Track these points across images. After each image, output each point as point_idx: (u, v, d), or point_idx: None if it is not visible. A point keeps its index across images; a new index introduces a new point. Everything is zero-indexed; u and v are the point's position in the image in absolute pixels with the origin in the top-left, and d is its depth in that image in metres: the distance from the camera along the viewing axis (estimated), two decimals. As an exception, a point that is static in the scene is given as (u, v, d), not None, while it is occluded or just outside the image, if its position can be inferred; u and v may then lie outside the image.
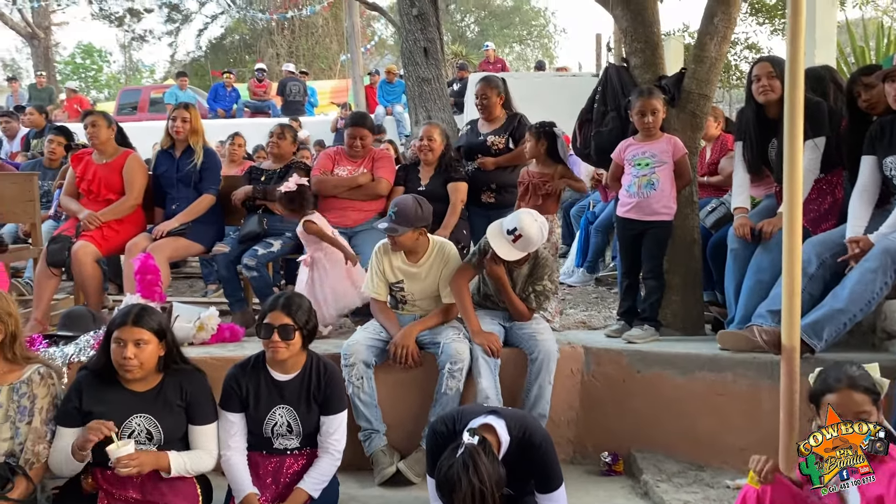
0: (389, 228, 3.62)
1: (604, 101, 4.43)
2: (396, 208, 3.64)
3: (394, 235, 3.62)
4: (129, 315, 2.81)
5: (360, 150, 4.89)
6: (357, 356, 3.55)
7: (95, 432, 2.67)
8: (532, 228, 3.53)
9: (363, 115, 5.26)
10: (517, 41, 35.26)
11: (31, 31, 24.48)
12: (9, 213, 5.31)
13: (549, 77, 12.44)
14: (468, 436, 2.52)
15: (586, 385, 3.80)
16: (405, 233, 3.62)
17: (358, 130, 4.91)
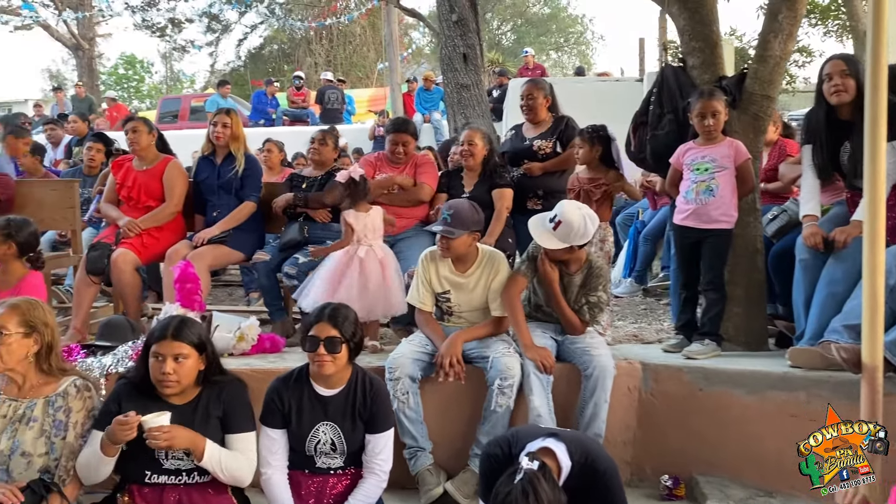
0: (445, 230, 3.45)
1: (660, 103, 4.21)
2: (452, 210, 3.48)
3: (450, 238, 3.45)
4: (168, 328, 2.68)
5: (403, 156, 4.76)
6: (402, 370, 3.38)
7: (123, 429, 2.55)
8: (573, 215, 3.36)
9: (405, 121, 5.13)
10: (554, 48, 35.06)
11: (76, 42, 24.97)
12: (49, 219, 5.30)
13: (591, 82, 12.20)
14: (527, 461, 2.34)
15: (644, 403, 3.59)
16: (461, 236, 3.45)
17: (400, 136, 4.77)
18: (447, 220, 3.46)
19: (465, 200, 3.59)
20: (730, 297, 3.93)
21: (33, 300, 2.80)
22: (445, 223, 3.46)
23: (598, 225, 3.98)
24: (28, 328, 2.69)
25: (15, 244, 3.75)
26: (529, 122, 4.92)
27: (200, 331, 2.78)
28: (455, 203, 3.58)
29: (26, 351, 2.69)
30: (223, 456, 2.70)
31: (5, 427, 2.67)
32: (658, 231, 6.21)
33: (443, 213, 3.51)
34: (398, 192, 4.68)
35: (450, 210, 3.49)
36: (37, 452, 2.66)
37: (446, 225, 3.45)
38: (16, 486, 2.55)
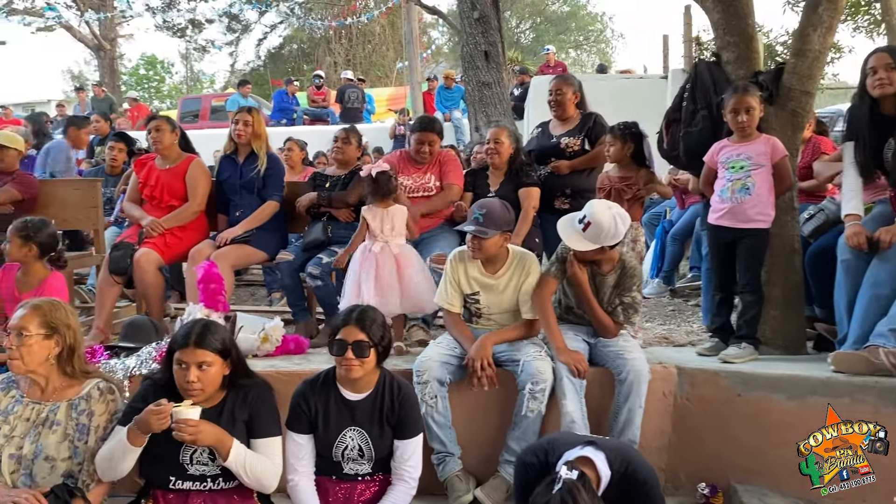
0: (478, 230, 3.34)
1: (693, 99, 4.09)
2: (484, 210, 3.37)
3: (483, 238, 3.35)
4: (191, 336, 2.60)
5: (428, 156, 4.66)
6: (430, 373, 3.30)
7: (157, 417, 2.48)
8: (603, 216, 3.25)
9: (432, 120, 4.97)
10: (573, 47, 34.81)
11: (98, 42, 25.17)
12: (72, 219, 5.28)
13: (614, 79, 12.05)
14: (566, 470, 2.24)
15: (679, 408, 3.48)
16: (493, 235, 3.35)
17: (427, 135, 4.65)
18: (479, 220, 3.35)
19: (497, 199, 3.50)
20: (767, 298, 3.82)
21: (55, 301, 2.75)
22: (477, 223, 3.35)
23: (630, 225, 3.89)
24: (49, 330, 2.63)
25: (35, 245, 3.71)
26: (557, 119, 4.81)
27: (224, 336, 2.69)
28: (487, 202, 3.48)
29: (47, 353, 2.63)
30: (249, 458, 2.62)
31: (28, 431, 2.62)
32: (686, 230, 6.08)
33: (474, 212, 3.40)
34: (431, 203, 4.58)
35: (482, 209, 3.38)
36: (60, 457, 2.60)
37: (478, 225, 3.35)
38: (39, 491, 2.49)
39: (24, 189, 5.04)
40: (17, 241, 3.64)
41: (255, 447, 2.68)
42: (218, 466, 2.63)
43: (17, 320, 2.62)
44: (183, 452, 2.62)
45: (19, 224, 3.68)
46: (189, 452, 2.63)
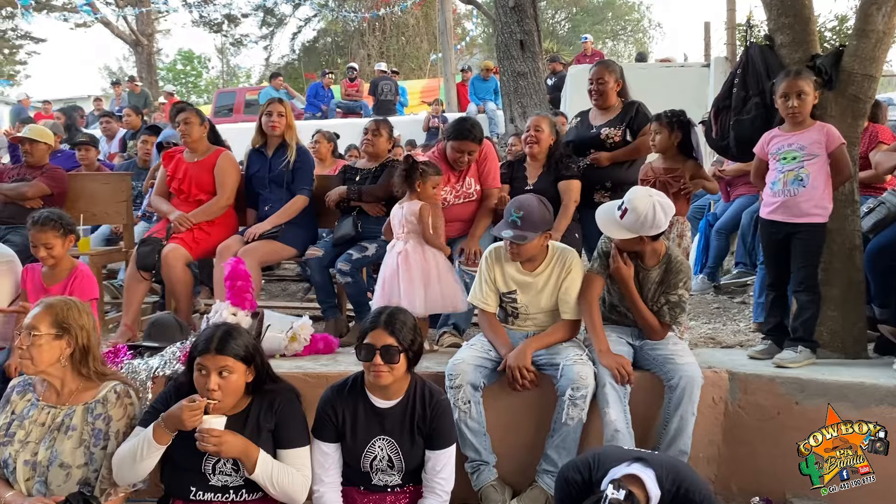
0: (517, 236, 3.13)
1: (744, 85, 3.86)
2: (522, 212, 3.14)
3: (522, 244, 3.16)
4: (212, 341, 2.45)
5: (465, 165, 4.34)
6: (464, 377, 3.11)
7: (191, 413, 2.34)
8: (641, 202, 3.03)
9: (472, 126, 4.37)
10: (610, 37, 34.25)
11: (136, 38, 25.39)
12: (102, 214, 5.22)
13: (654, 68, 11.66)
14: (612, 489, 2.05)
15: (731, 416, 3.25)
16: (534, 239, 3.15)
17: (466, 145, 4.27)
18: (517, 223, 3.13)
19: (534, 197, 3.26)
20: (824, 298, 3.60)
21: (69, 300, 2.63)
22: (515, 227, 3.13)
23: (676, 219, 3.67)
24: (60, 329, 2.52)
25: (73, 236, 3.64)
26: (597, 108, 4.56)
27: (247, 341, 2.53)
28: (523, 202, 3.22)
29: (59, 353, 2.52)
30: (276, 469, 2.48)
31: (43, 436, 2.51)
32: (732, 224, 5.83)
33: (510, 214, 3.17)
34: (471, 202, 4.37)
35: (519, 212, 3.15)
36: (75, 464, 2.48)
37: (517, 229, 3.13)
38: (53, 499, 2.39)
39: (54, 183, 4.99)
40: (58, 240, 3.54)
41: (282, 458, 2.54)
42: (241, 477, 2.49)
43: (29, 319, 2.52)
44: (205, 461, 2.48)
45: (49, 221, 3.53)
46: (212, 461, 2.49)
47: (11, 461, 2.47)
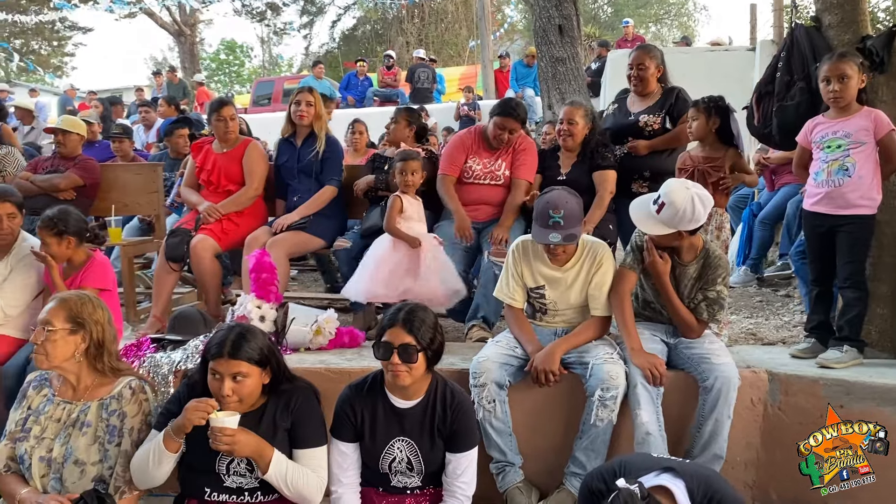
0: (568, 237, 2.99)
1: (789, 69, 3.67)
2: (562, 210, 2.98)
3: (572, 244, 3.04)
4: (225, 345, 2.37)
5: (505, 143, 4.27)
6: (488, 375, 3.01)
7: (197, 412, 2.29)
8: (679, 195, 2.88)
9: (515, 104, 4.41)
10: (653, 21, 33.55)
11: (179, 28, 25.70)
12: (134, 204, 5.25)
13: (698, 52, 11.31)
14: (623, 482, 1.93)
15: (770, 419, 3.10)
16: (579, 236, 3.04)
17: (508, 122, 4.21)
18: (560, 224, 2.97)
19: (563, 192, 3.11)
20: (873, 295, 3.42)
21: (84, 295, 2.59)
22: (559, 227, 2.97)
23: (714, 210, 3.50)
24: (75, 324, 2.49)
25: (71, 237, 3.55)
26: (636, 95, 4.38)
27: (262, 344, 2.44)
28: (557, 201, 3.03)
29: (73, 348, 2.49)
30: (291, 470, 2.41)
31: (59, 432, 2.49)
32: (776, 215, 5.61)
33: (549, 217, 3.00)
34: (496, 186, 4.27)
35: (558, 211, 2.98)
36: (90, 460, 2.45)
37: (561, 229, 2.98)
38: (68, 497, 2.36)
39: (86, 174, 5.01)
40: (52, 240, 3.47)
41: (297, 458, 2.47)
42: (256, 479, 2.43)
43: (44, 314, 2.49)
44: (219, 462, 2.43)
45: (46, 222, 3.48)
46: (226, 462, 2.44)
47: (27, 457, 2.45)
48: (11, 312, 3.53)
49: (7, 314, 3.52)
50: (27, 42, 28.27)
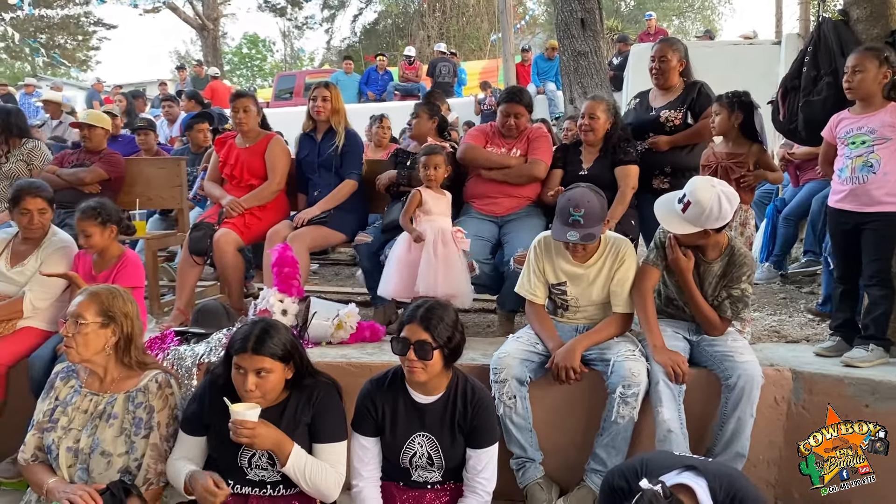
0: (585, 237, 2.98)
1: (815, 63, 3.61)
2: (582, 209, 2.97)
3: (591, 243, 3.03)
4: (249, 341, 2.38)
5: (515, 129, 4.33)
6: (509, 371, 3.01)
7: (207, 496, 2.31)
8: (705, 194, 2.85)
9: (519, 90, 4.58)
10: (676, 14, 33.23)
11: (202, 23, 25.86)
12: (157, 198, 5.28)
13: (721, 46, 11.19)
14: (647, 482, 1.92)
15: (794, 418, 3.07)
16: (599, 235, 3.03)
17: (512, 107, 4.30)
18: (580, 222, 2.97)
19: (587, 189, 3.10)
20: (899, 293, 3.34)
21: (113, 288, 2.63)
22: (578, 226, 2.97)
23: (739, 206, 3.46)
24: (106, 318, 2.52)
25: (114, 226, 3.63)
26: (658, 89, 4.34)
27: (285, 339, 2.45)
28: (580, 198, 3.02)
29: (104, 342, 2.52)
30: (310, 465, 2.43)
31: (86, 423, 2.52)
32: (801, 211, 5.54)
33: (569, 214, 3.00)
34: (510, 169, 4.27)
35: (579, 210, 2.97)
36: (116, 452, 2.49)
37: (580, 228, 2.97)
38: (94, 487, 2.39)
39: (111, 168, 5.06)
40: (96, 230, 3.54)
41: (317, 452, 2.48)
42: (278, 472, 2.45)
43: (74, 307, 2.52)
44: (241, 456, 2.46)
45: (90, 211, 3.54)
46: (248, 456, 2.46)
47: (54, 447, 2.49)
48: (40, 305, 3.59)
49: (35, 306, 3.57)
50: (52, 37, 28.58)
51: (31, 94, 14.16)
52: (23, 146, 5.03)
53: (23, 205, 3.59)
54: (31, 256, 3.66)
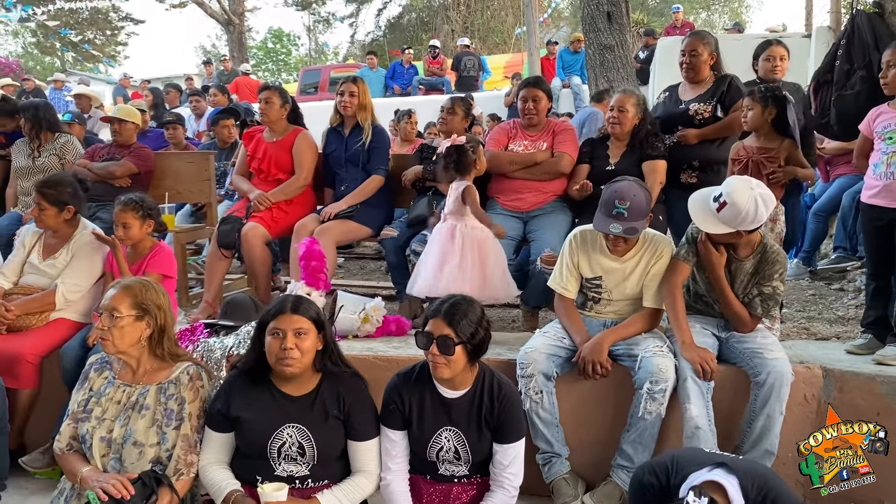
0: (628, 230, 2.97)
1: (849, 57, 3.56)
2: (628, 202, 2.96)
3: (633, 237, 3.02)
4: (286, 303, 2.53)
5: (535, 115, 4.32)
6: (536, 366, 3.01)
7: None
8: (742, 196, 2.81)
9: (536, 77, 4.64)
10: (704, 7, 32.83)
11: (227, 17, 26.02)
12: (186, 192, 5.35)
13: (751, 39, 11.02)
14: (693, 496, 1.91)
15: (824, 416, 2.98)
16: (642, 230, 3.02)
17: (531, 91, 4.32)
18: (623, 215, 2.96)
19: (634, 182, 3.09)
20: (933, 290, 3.28)
21: (146, 281, 2.67)
22: (622, 218, 2.96)
23: (773, 204, 3.42)
24: (140, 311, 2.56)
25: (153, 221, 3.68)
26: (688, 82, 4.30)
27: (317, 308, 2.60)
28: (626, 191, 3.01)
29: (139, 334, 2.56)
30: (343, 497, 2.52)
31: (119, 414, 2.56)
32: (831, 206, 5.47)
33: (613, 206, 2.99)
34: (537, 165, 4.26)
35: (624, 202, 2.96)
36: (148, 442, 2.52)
37: (624, 221, 2.96)
38: (127, 477, 2.43)
39: (141, 162, 5.13)
40: (136, 222, 3.59)
41: (353, 451, 2.58)
42: (307, 467, 2.49)
43: (109, 300, 2.55)
44: (270, 447, 2.49)
45: (132, 203, 3.60)
46: (277, 445, 2.49)
47: (88, 437, 2.53)
48: (72, 297, 3.65)
49: (68, 299, 3.63)
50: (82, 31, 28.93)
51: (60, 89, 14.35)
52: (55, 140, 5.12)
53: (34, 197, 3.70)
54: (62, 249, 3.72)
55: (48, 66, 30.94)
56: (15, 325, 3.53)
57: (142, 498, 2.39)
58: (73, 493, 2.56)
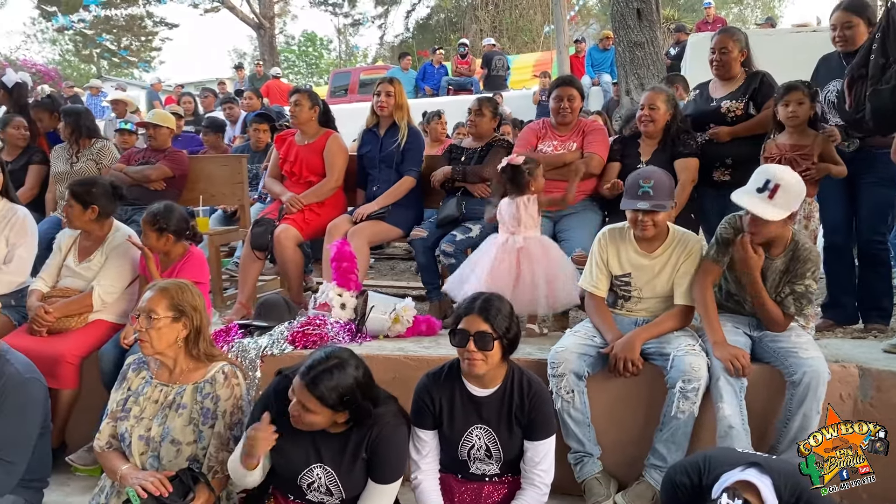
0: (655, 206, 2.99)
1: (884, 51, 3.46)
2: (652, 181, 3.02)
3: (658, 212, 3.02)
4: (308, 374, 2.32)
5: (569, 113, 4.31)
6: (567, 365, 3.00)
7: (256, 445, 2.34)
8: (788, 174, 2.85)
9: (569, 76, 4.67)
10: (735, 2, 32.42)
11: (259, 21, 26.32)
12: (220, 195, 5.43)
13: (783, 34, 10.87)
14: (725, 498, 1.90)
15: (860, 416, 2.96)
16: (669, 209, 3.03)
17: (565, 90, 4.32)
18: (650, 194, 2.99)
19: (656, 168, 3.12)
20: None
21: (182, 283, 2.72)
22: (649, 197, 2.99)
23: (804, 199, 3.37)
24: (177, 312, 2.60)
25: (171, 234, 3.69)
26: (719, 79, 4.26)
27: (345, 385, 2.33)
28: (649, 172, 3.11)
29: (175, 335, 2.61)
30: None
31: (156, 413, 2.62)
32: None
33: (639, 186, 3.03)
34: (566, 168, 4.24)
35: (648, 181, 3.02)
36: (185, 440, 2.58)
37: (651, 199, 2.99)
38: (164, 474, 2.49)
39: (176, 166, 5.22)
40: (153, 235, 3.62)
41: (369, 489, 2.47)
42: (337, 499, 2.46)
43: (146, 302, 2.60)
44: (301, 479, 2.46)
45: (149, 217, 3.62)
46: (307, 482, 2.46)
47: (127, 436, 2.60)
48: (108, 299, 3.73)
49: (105, 300, 3.71)
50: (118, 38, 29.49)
51: (97, 95, 14.64)
52: (92, 146, 5.23)
53: None
54: (97, 252, 3.80)
55: (84, 72, 31.55)
56: (55, 327, 3.61)
57: (179, 495, 2.45)
58: (112, 491, 2.62)
